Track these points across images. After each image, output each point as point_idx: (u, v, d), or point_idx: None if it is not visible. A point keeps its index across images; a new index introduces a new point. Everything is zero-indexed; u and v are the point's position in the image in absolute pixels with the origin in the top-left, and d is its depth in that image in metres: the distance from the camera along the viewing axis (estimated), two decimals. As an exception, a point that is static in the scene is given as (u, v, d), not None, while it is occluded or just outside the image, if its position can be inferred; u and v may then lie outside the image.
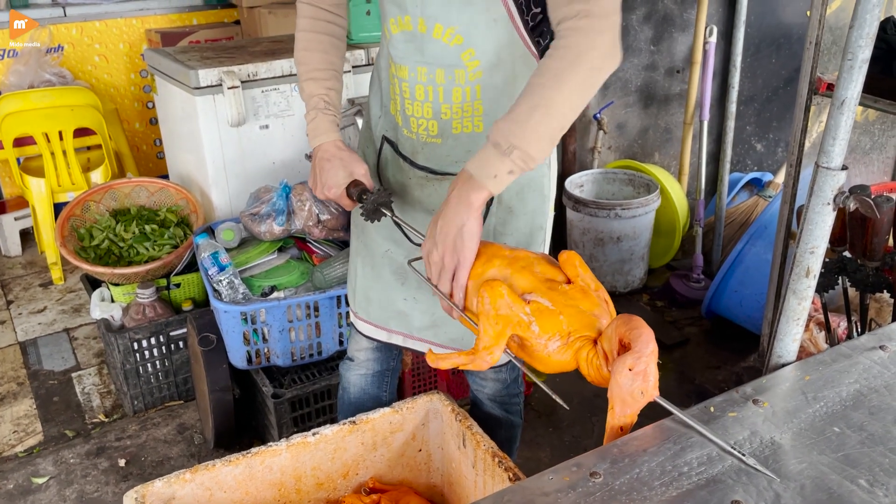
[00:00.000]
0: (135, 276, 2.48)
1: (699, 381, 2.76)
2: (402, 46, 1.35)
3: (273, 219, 2.27)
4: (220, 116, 2.52)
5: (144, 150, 4.25)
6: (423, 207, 1.51)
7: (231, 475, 1.58)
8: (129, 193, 2.74)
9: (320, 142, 1.44)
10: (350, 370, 1.80)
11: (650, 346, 0.98)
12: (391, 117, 1.48)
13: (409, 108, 1.40)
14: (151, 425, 2.48)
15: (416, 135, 1.42)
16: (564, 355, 1.05)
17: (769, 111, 3.66)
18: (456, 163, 1.44)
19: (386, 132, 1.51)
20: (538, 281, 1.09)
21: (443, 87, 1.34)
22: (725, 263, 2.80)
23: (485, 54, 1.31)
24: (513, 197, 1.47)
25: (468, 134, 1.40)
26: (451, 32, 1.28)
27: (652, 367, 0.98)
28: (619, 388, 0.98)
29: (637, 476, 0.94)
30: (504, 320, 1.06)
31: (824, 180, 1.04)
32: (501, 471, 1.53)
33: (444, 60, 1.32)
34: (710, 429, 1.01)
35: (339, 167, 1.41)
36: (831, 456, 0.97)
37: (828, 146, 1.03)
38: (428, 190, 1.49)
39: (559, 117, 1.14)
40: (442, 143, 1.42)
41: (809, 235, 1.08)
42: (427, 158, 1.45)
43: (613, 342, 1.01)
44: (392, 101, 1.45)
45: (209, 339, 2.17)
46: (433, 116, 1.38)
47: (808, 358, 1.15)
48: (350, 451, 1.69)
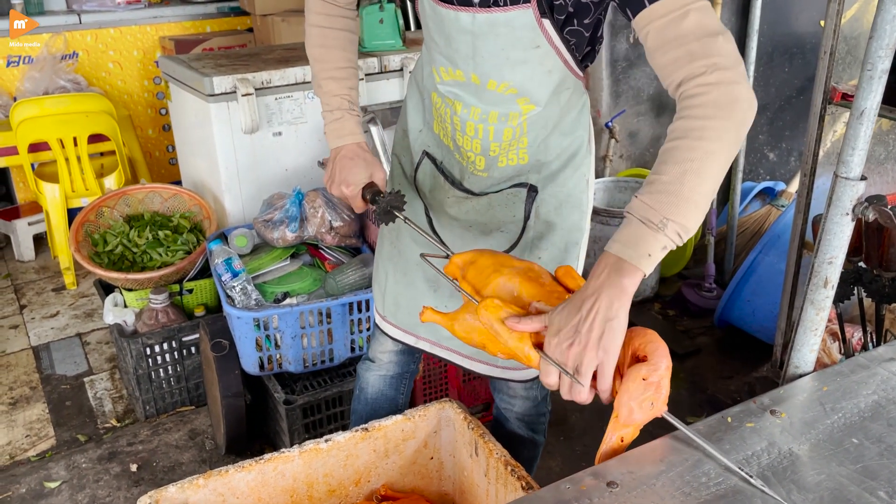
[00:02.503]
0: (148, 282, 2.49)
1: (711, 391, 2.74)
2: (453, 90, 1.34)
3: (286, 225, 2.28)
4: (234, 123, 2.53)
5: (157, 156, 4.27)
6: (459, 223, 1.51)
7: (244, 481, 1.58)
8: (142, 199, 2.76)
9: (346, 142, 1.45)
10: (369, 370, 1.79)
11: (665, 361, 0.97)
12: (434, 135, 1.49)
13: (461, 139, 1.40)
14: (163, 430, 2.48)
15: (467, 163, 1.44)
16: None
17: (782, 120, 3.65)
18: (494, 185, 1.45)
19: (428, 147, 1.51)
20: (546, 291, 1.09)
21: (494, 126, 1.34)
22: (738, 273, 2.79)
23: (540, 99, 1.31)
24: (551, 212, 1.44)
25: (513, 166, 1.41)
26: (505, 86, 1.28)
27: (665, 382, 0.97)
28: (629, 395, 0.97)
29: (654, 487, 0.94)
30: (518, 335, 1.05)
31: (843, 190, 1.03)
32: (514, 479, 1.53)
33: (499, 106, 1.32)
34: (727, 440, 1.00)
35: (363, 167, 1.42)
36: (850, 468, 0.96)
37: (847, 156, 1.03)
38: (466, 207, 1.49)
39: (711, 180, 1.01)
40: (487, 176, 1.44)
41: (828, 246, 1.07)
42: (472, 184, 1.47)
43: (626, 354, 1.00)
44: (439, 124, 1.45)
45: (222, 345, 2.17)
46: (481, 152, 1.39)
47: (826, 369, 1.14)
48: (362, 459, 1.69)
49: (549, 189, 1.43)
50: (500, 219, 1.48)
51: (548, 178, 1.43)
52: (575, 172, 1.44)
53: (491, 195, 1.47)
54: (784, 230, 2.65)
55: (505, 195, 1.46)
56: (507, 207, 1.47)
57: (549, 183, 1.43)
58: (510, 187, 1.45)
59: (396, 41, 2.89)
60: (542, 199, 1.44)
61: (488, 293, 1.10)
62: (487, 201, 1.47)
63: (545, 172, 1.43)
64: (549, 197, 1.44)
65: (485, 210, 1.49)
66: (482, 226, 1.50)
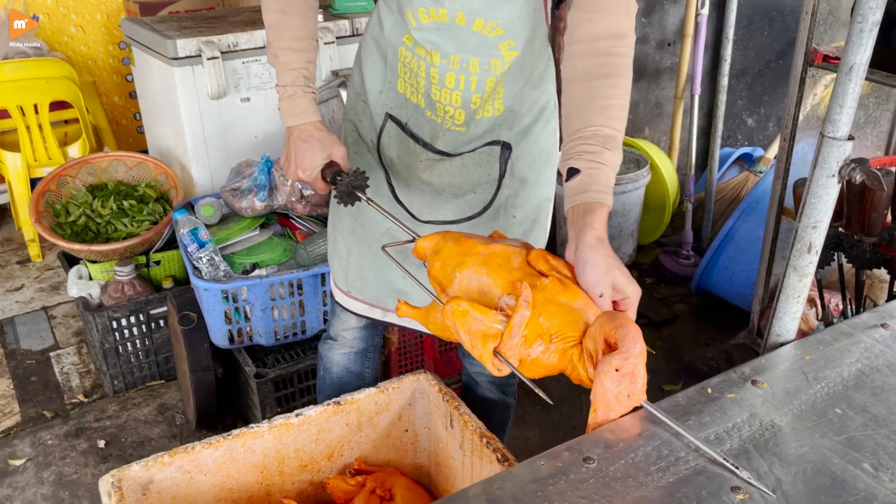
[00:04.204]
0: (112, 254, 2.41)
1: (688, 359, 2.73)
2: (433, 35, 1.28)
3: (254, 194, 2.21)
4: (200, 88, 2.44)
5: (124, 124, 4.15)
6: (431, 187, 1.46)
7: (211, 458, 1.54)
8: (106, 168, 2.66)
9: (299, 122, 1.36)
10: (332, 350, 1.75)
11: (638, 346, 0.90)
12: (398, 95, 1.41)
13: (437, 93, 1.34)
14: (132, 405, 2.42)
15: (442, 119, 1.37)
16: (549, 358, 0.96)
17: (760, 85, 3.61)
18: (469, 143, 1.40)
19: (390, 110, 1.44)
20: (515, 278, 0.99)
21: (476, 76, 1.29)
22: (716, 240, 2.77)
23: (521, 42, 1.27)
24: (525, 168, 1.43)
25: (489, 118, 1.37)
26: (492, 25, 1.24)
27: (640, 369, 0.91)
28: (604, 390, 0.92)
29: (632, 461, 0.90)
30: (481, 337, 0.96)
31: (829, 151, 0.99)
32: (489, 452, 1.50)
33: (482, 50, 1.27)
34: (707, 412, 0.97)
35: (318, 148, 1.34)
36: (834, 439, 0.93)
37: (834, 115, 0.98)
38: (438, 169, 1.44)
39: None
40: (465, 131, 1.38)
41: (812, 209, 1.03)
42: (446, 144, 1.41)
43: (598, 342, 0.93)
44: (406, 82, 1.38)
45: (189, 318, 2.11)
46: (462, 105, 1.33)
47: (808, 337, 1.11)
48: (334, 433, 1.65)
49: (523, 145, 1.41)
50: (474, 179, 1.45)
51: (520, 133, 1.41)
52: (546, 126, 1.42)
53: (464, 155, 1.42)
54: (762, 196, 2.63)
55: (479, 154, 1.41)
56: (481, 167, 1.43)
57: (521, 139, 1.41)
58: (484, 146, 1.40)
59: (368, 2, 2.80)
60: (516, 156, 1.41)
61: (454, 290, 1.03)
62: (461, 162, 1.42)
63: (517, 128, 1.40)
64: (524, 153, 1.42)
65: (458, 171, 1.44)
66: (455, 188, 1.46)
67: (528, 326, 0.95)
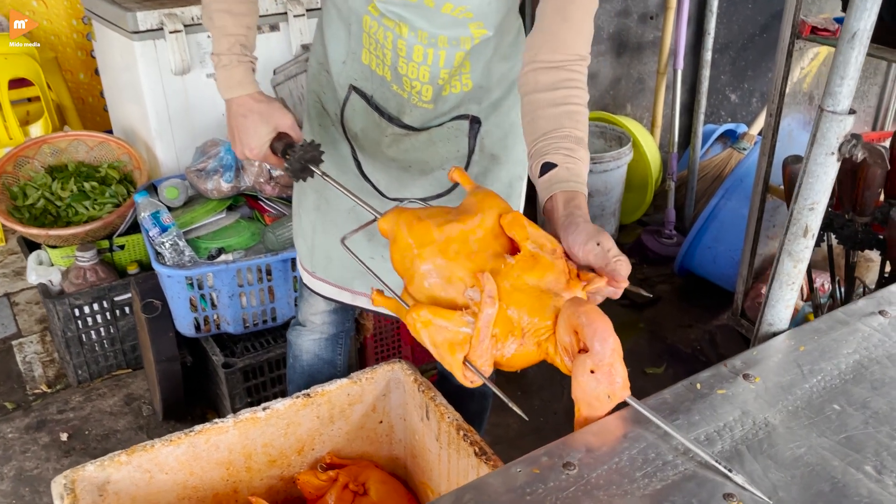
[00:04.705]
0: (73, 238, 2.30)
1: (671, 341, 2.68)
2: (400, 10, 1.18)
3: (220, 175, 2.10)
4: (163, 64, 2.33)
5: (90, 102, 3.99)
6: (397, 163, 1.38)
7: (172, 455, 1.46)
8: (66, 148, 2.54)
9: (234, 94, 1.26)
10: (301, 336, 1.67)
11: (609, 342, 0.81)
12: (363, 66, 1.32)
13: (404, 67, 1.24)
14: (97, 396, 2.33)
15: (409, 94, 1.28)
16: (526, 350, 0.87)
17: (744, 59, 3.53)
18: (437, 118, 1.32)
19: (354, 81, 1.34)
20: (479, 262, 0.89)
21: (445, 51, 1.21)
22: (699, 219, 2.70)
23: (492, 24, 1.20)
24: (496, 143, 1.36)
25: (457, 94, 1.29)
26: (462, 10, 1.16)
27: (617, 366, 0.83)
28: (583, 392, 0.84)
29: (616, 466, 0.83)
30: (449, 347, 0.87)
31: (829, 126, 0.91)
32: (467, 445, 1.44)
33: (451, 30, 1.19)
34: (696, 410, 0.90)
35: (260, 123, 1.24)
36: (832, 438, 0.86)
37: (834, 87, 0.90)
38: (405, 145, 1.36)
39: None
40: (433, 108, 1.30)
41: (809, 190, 0.95)
42: (413, 119, 1.33)
43: (570, 335, 0.84)
44: (371, 53, 1.28)
45: (153, 306, 2.01)
46: (429, 81, 1.25)
47: (802, 326, 1.04)
48: (305, 426, 1.59)
49: (493, 119, 1.34)
50: (442, 155, 1.37)
51: (490, 107, 1.33)
52: (517, 101, 1.33)
53: (432, 130, 1.33)
54: (747, 174, 2.56)
55: (447, 129, 1.33)
56: (449, 142, 1.35)
57: (491, 113, 1.34)
58: (451, 120, 1.32)
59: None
60: (486, 131, 1.34)
61: (415, 289, 0.92)
62: (428, 137, 1.34)
63: (487, 102, 1.33)
64: (494, 128, 1.35)
65: (425, 147, 1.35)
66: (422, 164, 1.38)
67: (498, 323, 0.86)
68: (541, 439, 0.89)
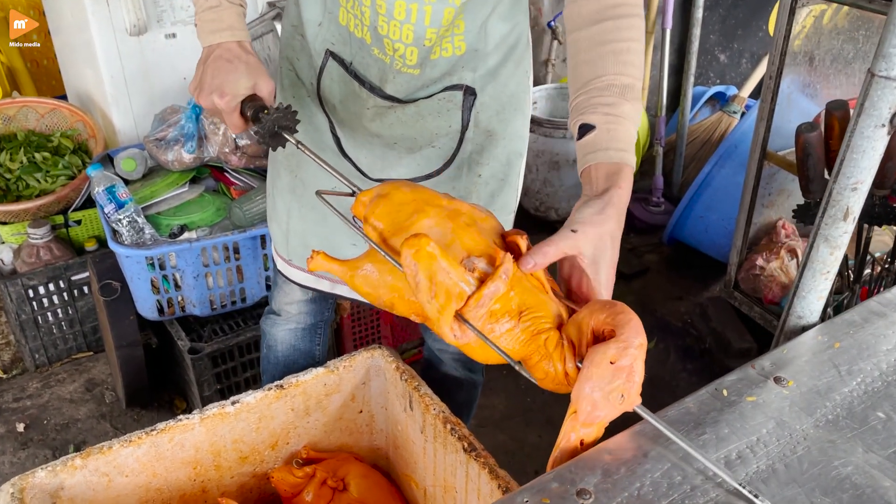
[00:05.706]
0: (24, 213, 2.13)
1: (661, 314, 2.58)
2: None
3: (181, 145, 1.94)
4: (117, 23, 2.15)
5: (45, 65, 3.75)
6: (381, 139, 1.23)
7: (133, 457, 1.34)
8: (14, 116, 2.36)
9: (223, 38, 1.09)
10: (276, 326, 1.53)
11: (639, 338, 0.73)
12: (341, 28, 1.16)
13: (385, 27, 1.08)
14: (56, 382, 2.18)
15: (391, 59, 1.12)
16: (514, 339, 0.78)
17: (734, 18, 3.39)
18: (426, 87, 1.16)
19: (332, 46, 1.19)
20: (484, 244, 0.81)
21: (431, 6, 1.05)
22: (691, 187, 2.59)
23: None
24: (492, 118, 1.21)
25: (447, 58, 1.13)
26: None
27: (639, 365, 0.73)
28: (592, 384, 0.72)
29: (638, 494, 0.71)
30: (445, 293, 0.76)
31: (880, 94, 0.78)
32: (455, 440, 1.34)
33: None
34: (724, 421, 0.78)
35: (244, 73, 1.07)
36: (881, 454, 0.75)
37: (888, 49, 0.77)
38: (389, 119, 1.20)
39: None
40: (419, 73, 1.14)
41: (853, 167, 0.83)
42: (397, 88, 1.17)
43: (586, 331, 0.76)
44: (348, 12, 1.13)
45: (112, 288, 1.86)
46: (413, 42, 1.09)
47: (834, 319, 0.92)
48: (278, 419, 1.47)
49: (490, 90, 1.19)
50: (432, 131, 1.22)
51: (487, 76, 1.18)
52: (517, 68, 1.20)
53: (420, 102, 1.18)
54: (742, 139, 2.45)
55: (437, 101, 1.18)
56: (440, 116, 1.20)
57: (488, 82, 1.19)
58: (443, 90, 1.17)
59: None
60: (481, 104, 1.19)
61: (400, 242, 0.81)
62: (416, 110, 1.19)
63: (483, 69, 1.17)
64: (490, 100, 1.20)
65: (413, 121, 1.20)
66: (410, 141, 1.23)
67: (499, 299, 0.78)
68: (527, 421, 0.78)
